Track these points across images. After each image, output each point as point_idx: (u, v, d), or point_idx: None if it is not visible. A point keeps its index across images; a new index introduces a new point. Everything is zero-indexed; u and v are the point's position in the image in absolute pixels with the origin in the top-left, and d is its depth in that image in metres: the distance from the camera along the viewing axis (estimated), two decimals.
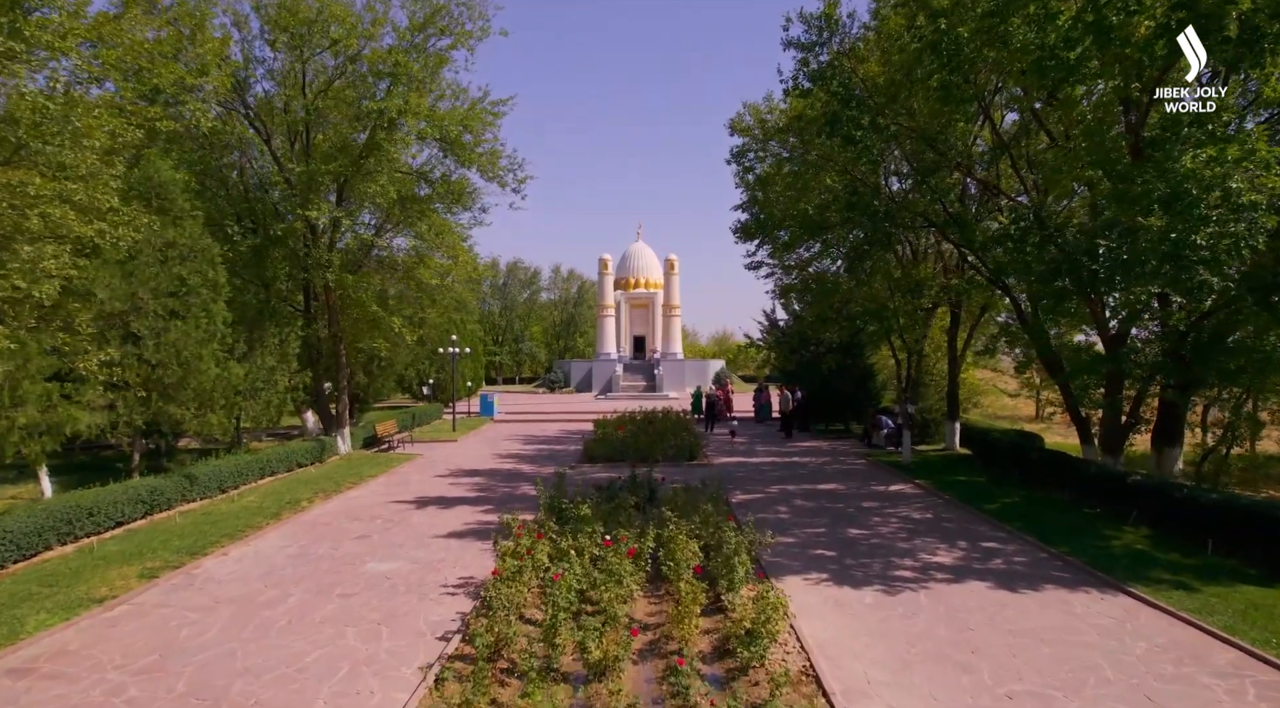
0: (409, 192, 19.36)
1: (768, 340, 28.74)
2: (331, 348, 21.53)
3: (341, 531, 13.07)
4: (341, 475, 18.40)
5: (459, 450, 23.95)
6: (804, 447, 24.30)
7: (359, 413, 27.25)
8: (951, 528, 12.91)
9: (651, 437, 21.76)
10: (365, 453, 22.63)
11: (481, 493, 16.62)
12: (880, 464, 20.07)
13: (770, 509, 14.68)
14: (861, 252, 15.27)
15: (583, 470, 19.61)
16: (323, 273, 19.04)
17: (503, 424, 32.52)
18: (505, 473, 19.35)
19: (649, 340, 58.63)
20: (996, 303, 20.79)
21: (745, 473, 19.12)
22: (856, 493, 16.22)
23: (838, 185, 17.76)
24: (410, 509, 14.88)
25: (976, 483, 16.83)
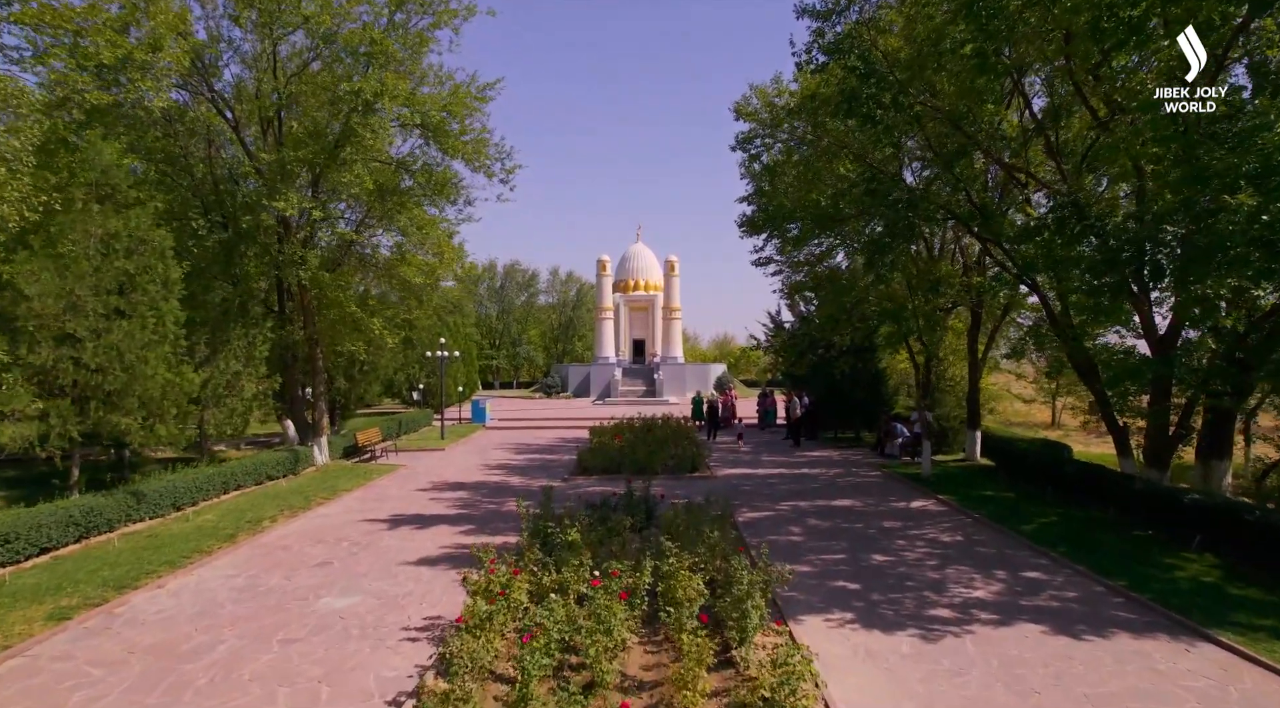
0: (389, 183, 17.97)
1: (773, 343, 27.31)
2: (308, 351, 20.11)
3: (301, 556, 11.63)
4: (314, 490, 16.96)
5: (445, 460, 22.51)
6: (813, 457, 22.86)
7: (340, 420, 25.82)
8: (987, 554, 11.46)
9: (650, 446, 20.33)
10: (344, 464, 21.19)
11: (463, 510, 15.18)
12: (897, 477, 18.63)
13: (782, 530, 13.24)
14: (882, 245, 13.89)
15: (576, 483, 18.19)
16: (296, 270, 17.64)
17: (495, 431, 31.08)
18: (492, 487, 17.91)
19: (649, 344, 57.22)
20: (1020, 302, 19.38)
21: (752, 487, 17.68)
22: (875, 511, 14.77)
23: (853, 174, 16.37)
24: (382, 530, 13.44)
25: (1005, 499, 15.38)
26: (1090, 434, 30.27)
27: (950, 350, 22.58)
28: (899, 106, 12.86)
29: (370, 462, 21.83)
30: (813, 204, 15.43)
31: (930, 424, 18.42)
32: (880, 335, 19.53)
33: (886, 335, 16.11)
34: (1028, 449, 17.86)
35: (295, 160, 15.94)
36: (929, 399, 18.43)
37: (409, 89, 16.48)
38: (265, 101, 17.17)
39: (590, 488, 17.42)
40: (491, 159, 18.28)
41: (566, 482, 18.45)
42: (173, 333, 12.99)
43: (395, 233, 20.20)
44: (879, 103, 12.90)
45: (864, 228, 15.96)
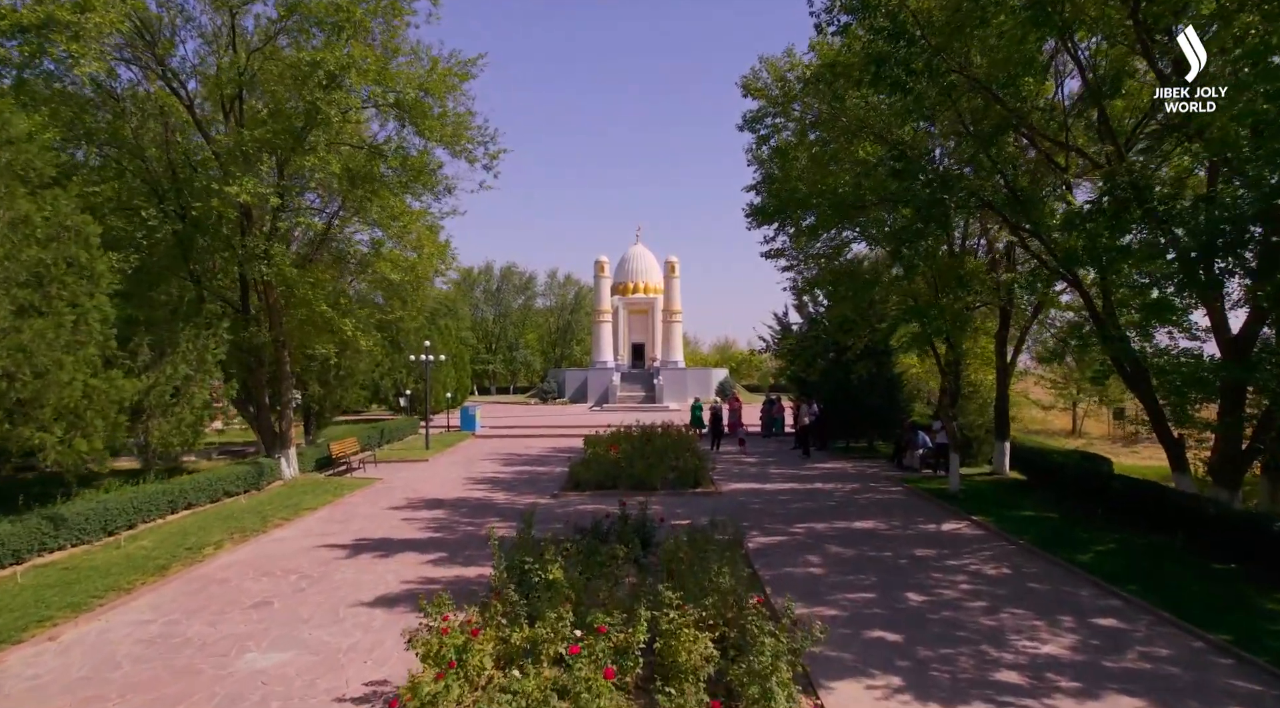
0: (362, 170, 16.29)
1: (781, 347, 25.52)
2: (274, 354, 18.41)
3: (238, 593, 9.91)
4: (274, 508, 15.24)
5: (427, 473, 20.78)
6: (825, 469, 21.13)
7: (316, 429, 24.09)
8: (1043, 592, 9.73)
9: (649, 458, 18.62)
10: (315, 477, 19.45)
11: (437, 533, 13.46)
12: (921, 493, 16.90)
13: (798, 560, 11.52)
14: (911, 232, 12.23)
15: (566, 500, 16.47)
16: (258, 265, 15.97)
17: (484, 440, 29.35)
18: (473, 505, 16.18)
19: (648, 348, 55.54)
20: (1052, 301, 17.66)
21: (761, 504, 15.95)
22: (903, 535, 13.05)
23: (874, 157, 14.71)
24: (340, 559, 11.71)
25: (1048, 521, 13.65)
26: (1115, 443, 28.62)
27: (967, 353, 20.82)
28: (933, 73, 11.19)
29: (345, 475, 20.10)
30: (830, 190, 13.77)
31: (955, 434, 16.71)
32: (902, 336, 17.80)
33: (910, 337, 14.43)
34: (1065, 463, 16.13)
35: (253, 141, 14.27)
36: (955, 407, 16.70)
37: (380, 63, 14.82)
38: (224, 77, 15.52)
39: (582, 506, 15.70)
40: (474, 143, 16.62)
41: (556, 498, 16.75)
42: (99, 333, 11.28)
43: (373, 227, 18.54)
44: (909, 69, 11.24)
45: (888, 215, 14.27)
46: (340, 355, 21.67)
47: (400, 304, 25.22)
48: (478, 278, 75.20)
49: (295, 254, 20.06)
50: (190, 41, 16.56)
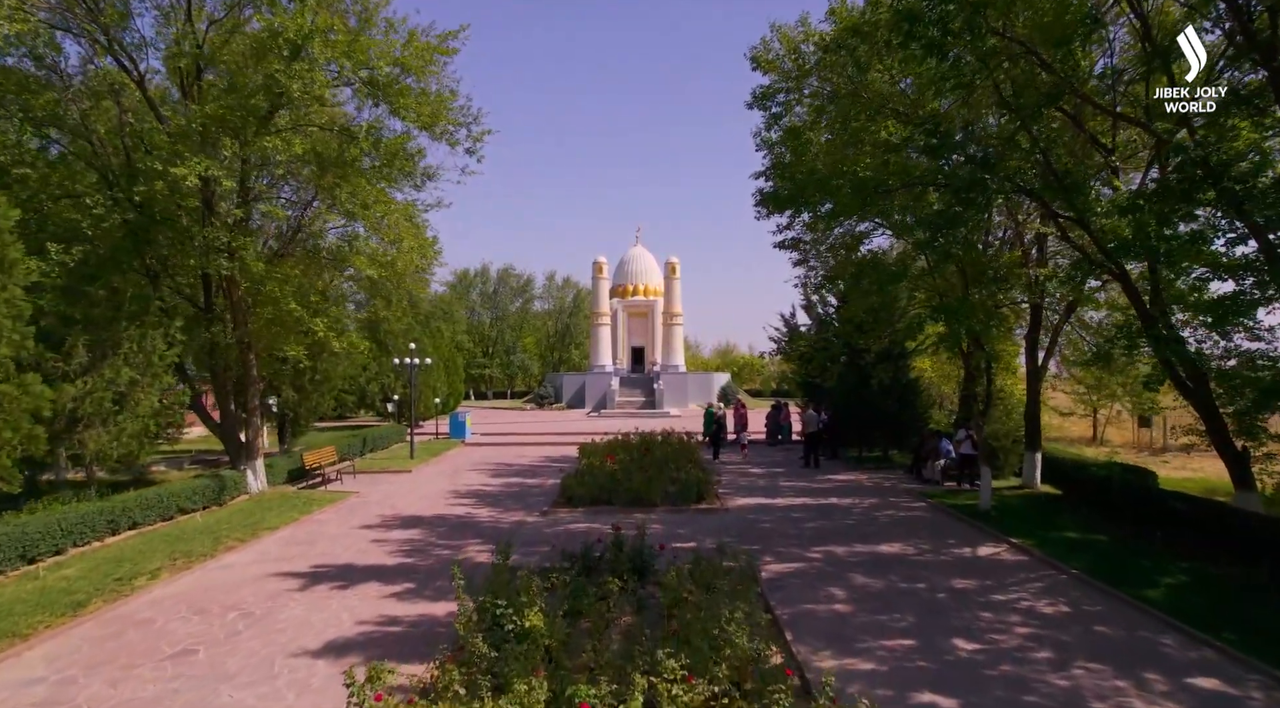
0: (332, 154, 14.80)
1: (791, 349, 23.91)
2: (240, 357, 16.90)
3: (159, 639, 8.37)
4: (230, 528, 13.70)
5: (408, 486, 19.23)
6: (838, 481, 19.57)
7: (292, 437, 22.54)
8: (1115, 639, 8.19)
9: (648, 470, 17.07)
10: (285, 490, 17.89)
11: (408, 558, 11.92)
12: (947, 510, 15.35)
13: (820, 593, 9.97)
14: (949, 216, 10.73)
15: (557, 517, 14.93)
16: (218, 258, 14.48)
17: (475, 449, 27.78)
18: (453, 523, 14.63)
19: (648, 352, 53.98)
20: (1088, 299, 16.11)
21: (772, 523, 14.41)
22: (936, 561, 11.50)
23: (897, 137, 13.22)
24: (291, 591, 10.18)
25: (1097, 544, 12.10)
26: (1141, 452, 27.00)
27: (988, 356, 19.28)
28: (974, 33, 9.69)
29: (319, 487, 18.54)
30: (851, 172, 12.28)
31: (985, 444, 15.17)
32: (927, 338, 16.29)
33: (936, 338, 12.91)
34: (1108, 476, 14.58)
35: (203, 118, 12.78)
36: (985, 414, 15.14)
37: (350, 34, 13.34)
38: (179, 49, 14.05)
39: (574, 525, 14.17)
40: (455, 124, 15.11)
41: (545, 515, 15.20)
42: (11, 331, 9.76)
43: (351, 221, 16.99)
44: (946, 29, 9.75)
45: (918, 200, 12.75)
46: (315, 359, 20.14)
47: (384, 304, 23.78)
48: (474, 280, 73.77)
49: (267, 249, 18.66)
50: (148, 14, 14.99)
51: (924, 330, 15.12)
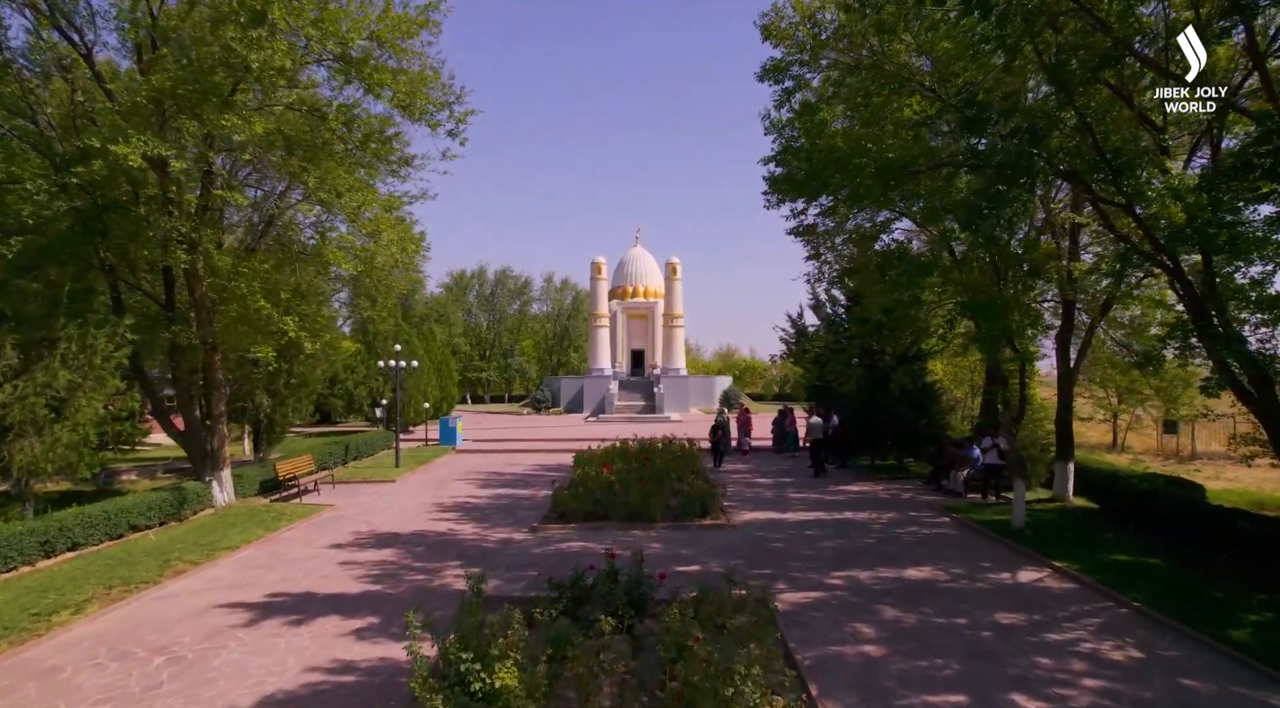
0: (302, 136, 13.49)
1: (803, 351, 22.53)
2: (205, 359, 15.58)
3: (59, 695, 7.03)
4: (184, 548, 12.36)
5: (390, 498, 17.88)
6: (852, 492, 18.23)
7: (267, 445, 21.19)
8: (1212, 697, 6.84)
9: (648, 481, 15.71)
10: (255, 503, 16.54)
11: (377, 585, 10.57)
12: (975, 526, 14.00)
13: (845, 631, 8.62)
14: (992, 196, 9.40)
15: (547, 535, 13.58)
16: (176, 250, 13.18)
17: (466, 456, 26.42)
18: (433, 542, 13.28)
19: (648, 355, 52.66)
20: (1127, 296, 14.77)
21: (784, 541, 13.06)
22: (972, 590, 10.15)
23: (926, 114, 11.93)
24: (237, 627, 8.83)
25: (1153, 569, 10.75)
26: (1167, 460, 25.62)
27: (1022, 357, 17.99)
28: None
29: (293, 500, 17.20)
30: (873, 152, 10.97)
31: (1016, 452, 13.82)
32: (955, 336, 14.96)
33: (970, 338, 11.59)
34: (1153, 490, 13.24)
35: (150, 91, 11.48)
36: (1018, 421, 13.78)
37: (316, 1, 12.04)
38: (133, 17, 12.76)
39: (566, 544, 12.83)
40: (436, 104, 13.80)
41: (535, 532, 13.86)
42: None
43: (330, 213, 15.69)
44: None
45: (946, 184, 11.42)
46: (290, 361, 18.82)
47: (368, 303, 22.48)
48: (470, 281, 72.47)
49: (237, 243, 17.36)
50: None
51: (954, 329, 13.78)
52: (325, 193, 13.92)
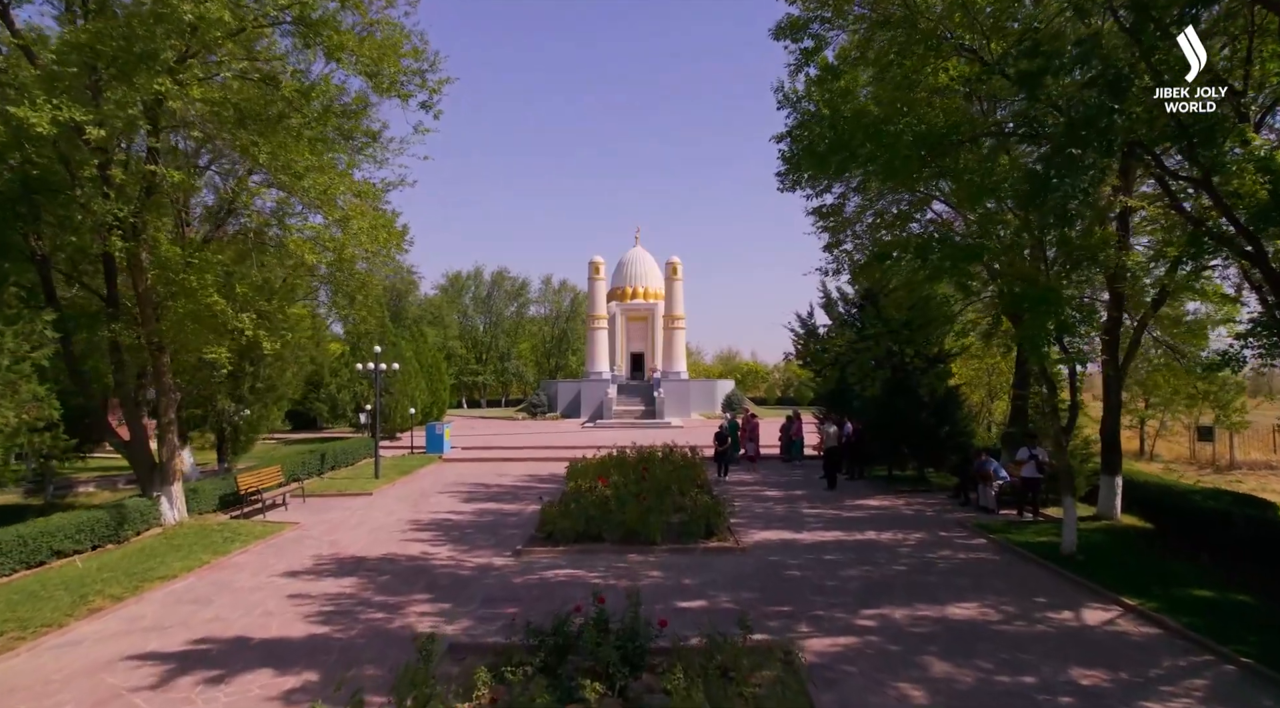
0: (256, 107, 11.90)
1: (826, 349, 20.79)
2: (154, 361, 13.98)
3: None
4: (112, 577, 10.72)
5: (363, 514, 16.24)
6: (871, 508, 16.58)
7: (233, 455, 19.55)
8: None
9: (647, 496, 14.08)
10: (210, 521, 14.89)
11: (326, 626, 8.92)
12: (1017, 550, 12.35)
13: (890, 693, 6.97)
14: (1064, 161, 7.78)
15: (532, 561, 11.93)
16: (113, 238, 11.62)
17: (452, 465, 24.78)
18: (401, 568, 11.63)
19: (648, 358, 51.04)
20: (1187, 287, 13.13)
21: (801, 568, 11.41)
22: (1032, 634, 8.49)
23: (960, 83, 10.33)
24: (140, 689, 7.20)
25: (1246, 610, 9.07)
26: (1202, 470, 23.97)
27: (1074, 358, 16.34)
28: None
29: (255, 516, 15.58)
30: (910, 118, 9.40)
31: (1066, 466, 12.16)
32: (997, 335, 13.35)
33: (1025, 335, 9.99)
34: (1223, 511, 11.59)
35: (66, 46, 9.91)
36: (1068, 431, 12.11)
37: None
38: None
39: (552, 571, 11.19)
40: (406, 73, 12.21)
41: (518, 556, 12.21)
42: None
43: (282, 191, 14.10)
44: None
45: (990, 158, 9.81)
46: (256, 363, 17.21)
47: (346, 301, 20.87)
48: (466, 283, 70.84)
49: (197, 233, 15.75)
50: None
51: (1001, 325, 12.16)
52: (284, 174, 12.32)
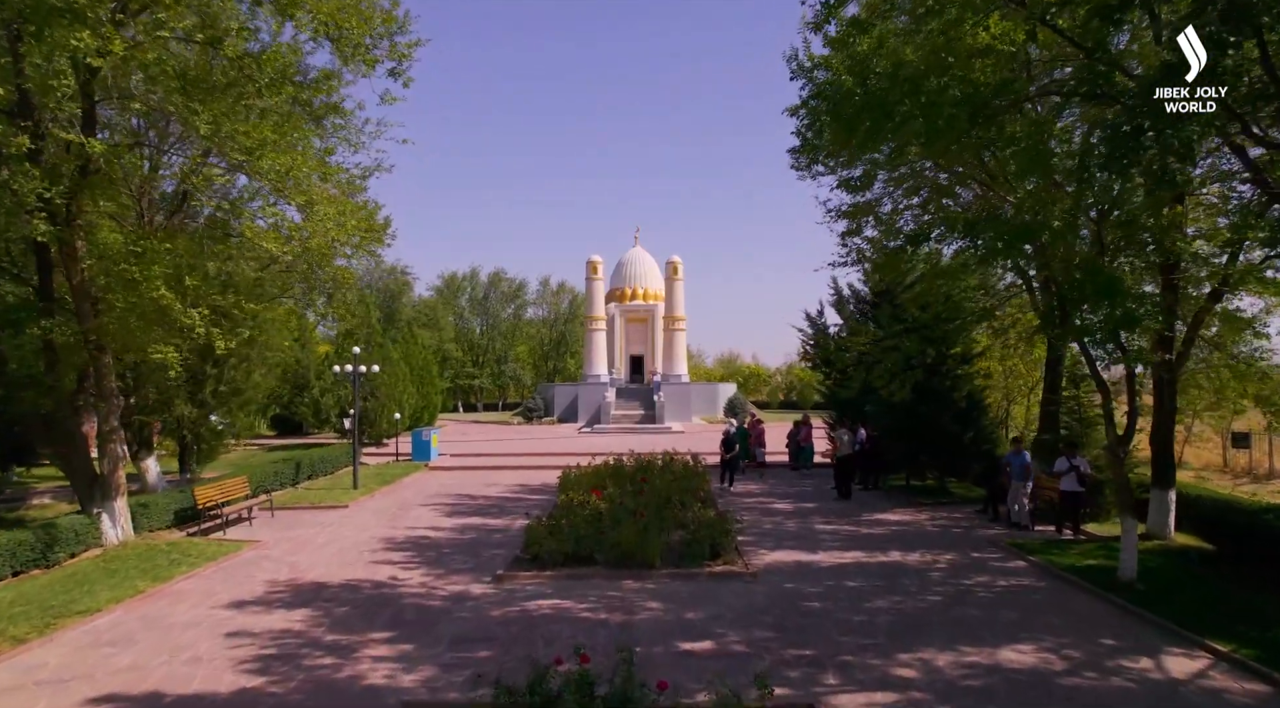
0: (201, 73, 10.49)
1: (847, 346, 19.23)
2: (93, 360, 12.55)
3: None
4: (29, 610, 9.27)
5: (334, 530, 14.80)
6: (891, 523, 15.14)
7: (196, 464, 18.09)
8: None
9: (645, 509, 12.64)
10: (159, 540, 13.42)
11: (260, 678, 7.45)
12: (1064, 575, 10.87)
13: None
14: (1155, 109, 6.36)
15: (513, 588, 10.47)
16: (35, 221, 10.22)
17: (439, 474, 23.33)
18: (365, 597, 10.17)
19: (648, 360, 49.66)
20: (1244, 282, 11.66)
21: (823, 599, 9.94)
22: (1109, 690, 7.02)
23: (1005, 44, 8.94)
24: None
25: None
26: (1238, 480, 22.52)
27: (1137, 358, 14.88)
28: None
29: (215, 533, 14.14)
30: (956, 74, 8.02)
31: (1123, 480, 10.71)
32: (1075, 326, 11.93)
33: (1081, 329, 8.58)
34: None
35: None
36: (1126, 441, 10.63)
37: None
38: None
39: (536, 602, 9.73)
40: (373, 35, 10.78)
41: (498, 584, 10.76)
42: None
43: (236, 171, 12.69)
44: None
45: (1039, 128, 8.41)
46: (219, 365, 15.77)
47: (324, 298, 19.49)
48: (462, 284, 69.50)
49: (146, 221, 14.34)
50: None
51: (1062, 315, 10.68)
52: (235, 150, 10.89)
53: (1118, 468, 10.51)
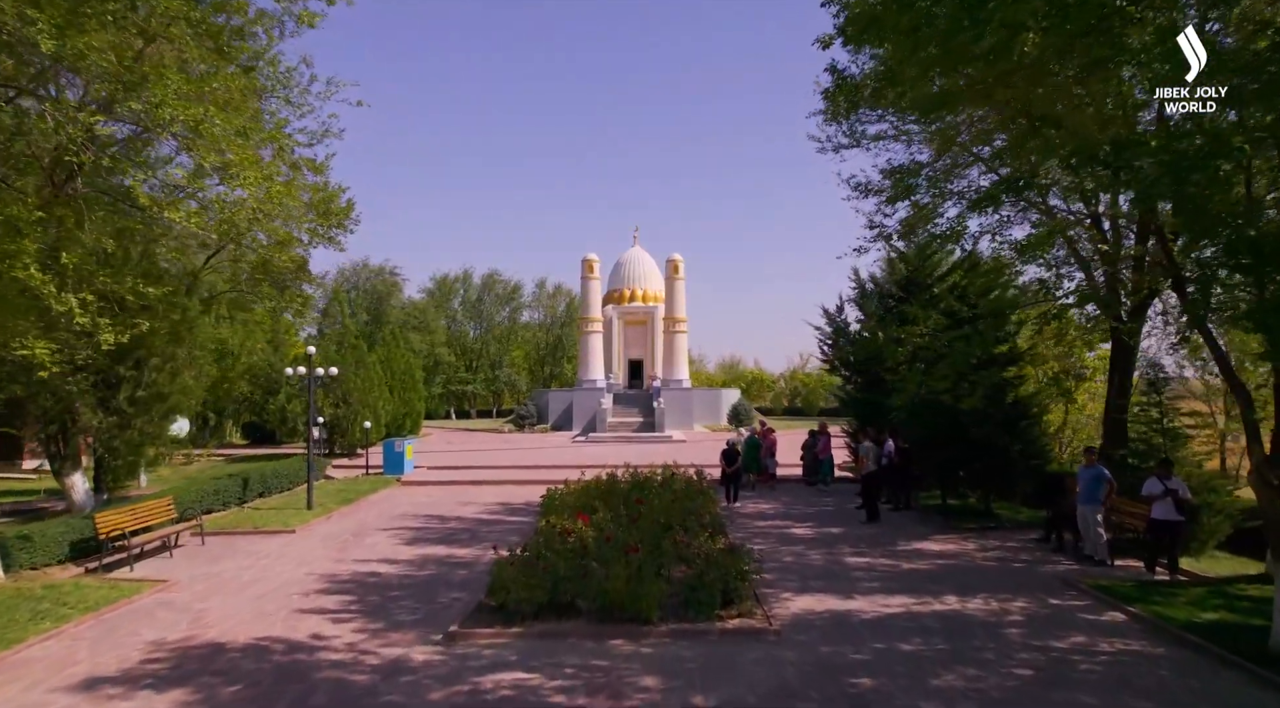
0: None
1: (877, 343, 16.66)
2: None
3: None
4: None
5: (267, 562, 12.31)
6: (934, 554, 12.64)
7: (113, 482, 15.58)
8: None
9: (640, 542, 10.12)
10: (48, 577, 10.91)
11: None
12: (1183, 637, 8.34)
13: None
14: None
15: (466, 656, 7.93)
16: None
17: (411, 489, 20.81)
18: (269, 669, 7.65)
19: (647, 364, 47.17)
20: None
21: (872, 672, 7.40)
22: None
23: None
24: None
25: None
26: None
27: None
28: None
29: (122, 568, 11.65)
30: None
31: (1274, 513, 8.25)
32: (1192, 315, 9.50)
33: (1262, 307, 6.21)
34: None
35: None
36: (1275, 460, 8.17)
37: None
38: None
39: (494, 678, 7.18)
40: None
41: (448, 646, 8.26)
42: None
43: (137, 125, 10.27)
44: None
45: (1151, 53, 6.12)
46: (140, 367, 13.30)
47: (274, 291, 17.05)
48: (455, 286, 67.02)
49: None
50: None
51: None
52: (113, 86, 8.45)
53: (1266, 492, 7.99)
